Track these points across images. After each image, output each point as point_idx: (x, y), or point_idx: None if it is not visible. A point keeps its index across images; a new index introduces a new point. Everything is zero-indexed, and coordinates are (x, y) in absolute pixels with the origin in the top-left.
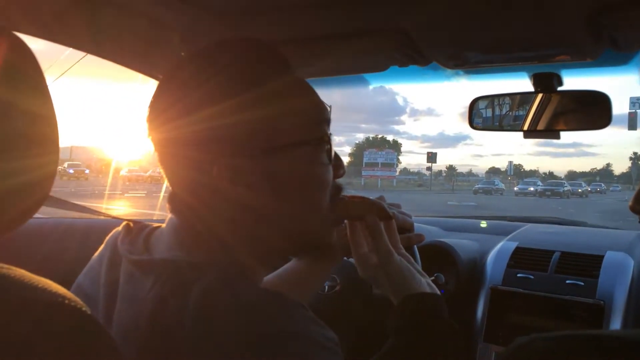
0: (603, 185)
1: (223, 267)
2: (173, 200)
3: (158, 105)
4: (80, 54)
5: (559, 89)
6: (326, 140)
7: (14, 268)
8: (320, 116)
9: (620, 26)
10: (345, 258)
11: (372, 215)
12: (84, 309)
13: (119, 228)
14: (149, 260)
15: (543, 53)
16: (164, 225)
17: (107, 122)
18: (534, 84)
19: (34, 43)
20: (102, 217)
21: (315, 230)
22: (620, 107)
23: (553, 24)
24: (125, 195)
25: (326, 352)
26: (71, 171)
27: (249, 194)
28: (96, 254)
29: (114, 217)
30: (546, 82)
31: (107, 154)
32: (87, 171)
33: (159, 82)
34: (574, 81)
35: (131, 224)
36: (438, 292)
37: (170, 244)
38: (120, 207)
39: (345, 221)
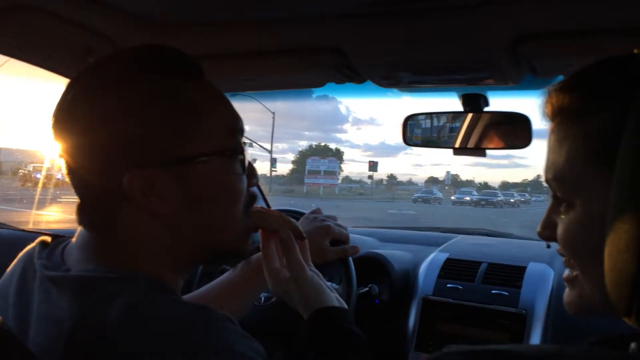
0: (527, 195)
1: (142, 280)
2: (82, 211)
3: (64, 112)
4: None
5: (486, 109)
6: (240, 150)
7: None
8: (233, 126)
9: (537, 55)
10: None
11: (285, 230)
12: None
13: (33, 244)
14: (64, 277)
15: (469, 76)
16: (74, 239)
17: (39, 123)
18: (463, 104)
19: None
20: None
21: (230, 240)
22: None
23: (477, 51)
24: (58, 200)
25: None
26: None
27: (161, 204)
28: (7, 271)
29: (24, 231)
30: (474, 103)
31: (40, 156)
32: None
33: (66, 88)
34: (500, 102)
35: (48, 239)
36: (346, 307)
37: (84, 258)
38: (52, 213)
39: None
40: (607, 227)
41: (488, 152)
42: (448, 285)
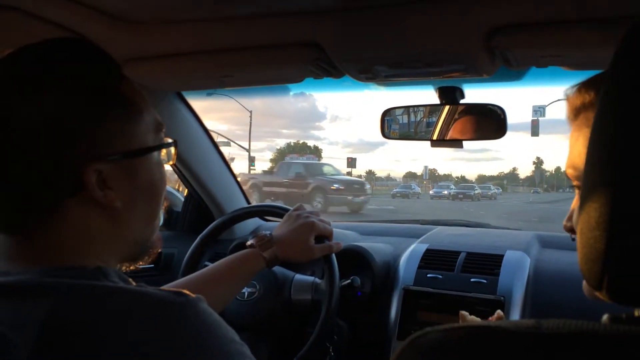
0: (492, 187)
1: (98, 271)
2: (10, 216)
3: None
4: None
5: (462, 101)
6: (169, 143)
7: None
8: (159, 121)
9: (510, 46)
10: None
11: None
12: None
13: None
14: (12, 282)
15: (444, 69)
16: None
17: None
18: (439, 97)
19: None
20: None
21: (152, 233)
22: (524, 114)
23: (452, 44)
24: None
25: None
26: None
27: (114, 197)
28: None
29: None
30: (450, 95)
31: None
32: None
33: None
34: (476, 93)
35: None
36: None
37: (17, 261)
38: None
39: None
40: (579, 206)
41: (465, 145)
42: (428, 275)
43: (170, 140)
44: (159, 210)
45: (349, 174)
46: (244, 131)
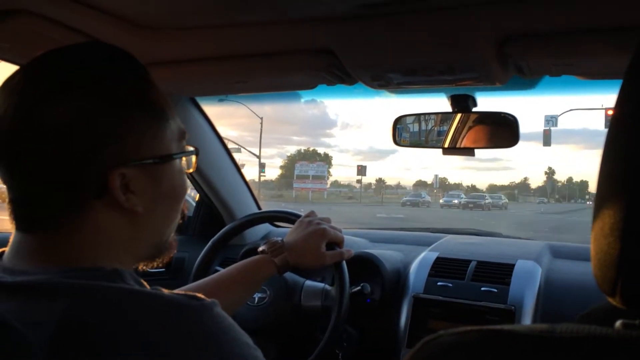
0: (503, 197)
1: (117, 272)
2: (26, 215)
3: (31, 113)
4: None
5: (474, 109)
6: (191, 150)
7: None
8: (182, 129)
9: (523, 55)
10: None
11: None
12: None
13: None
14: (28, 281)
15: (457, 77)
16: (7, 247)
17: None
18: (452, 105)
19: None
20: None
21: (168, 237)
22: (536, 124)
23: (465, 52)
24: None
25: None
26: None
27: (136, 201)
28: None
29: None
30: (462, 103)
31: None
32: None
33: (22, 87)
34: (488, 101)
35: None
36: None
37: (37, 261)
38: None
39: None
40: (594, 214)
41: (476, 155)
42: (438, 284)
43: (191, 148)
44: (178, 214)
45: (359, 181)
46: (254, 137)
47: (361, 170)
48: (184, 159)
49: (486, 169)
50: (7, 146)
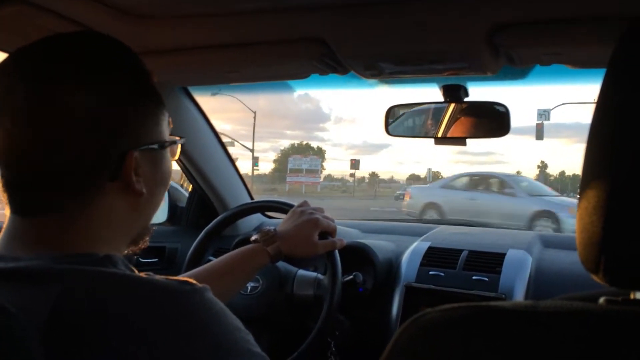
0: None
1: (111, 258)
2: (26, 200)
3: (42, 98)
4: None
5: (466, 99)
6: (180, 138)
7: None
8: (168, 116)
9: (513, 44)
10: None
11: None
12: None
13: None
14: (21, 267)
15: (448, 66)
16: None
17: None
18: (444, 94)
19: None
20: None
21: (151, 220)
22: (528, 118)
23: (455, 41)
24: None
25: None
26: None
27: (143, 185)
28: None
29: None
30: (454, 93)
31: None
32: None
33: (31, 73)
34: (481, 92)
35: None
36: None
37: (31, 246)
38: None
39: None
40: (579, 194)
41: (469, 148)
42: (430, 273)
43: (178, 137)
44: (162, 200)
45: (352, 175)
46: (247, 131)
47: (354, 164)
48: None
49: (479, 162)
50: (10, 126)
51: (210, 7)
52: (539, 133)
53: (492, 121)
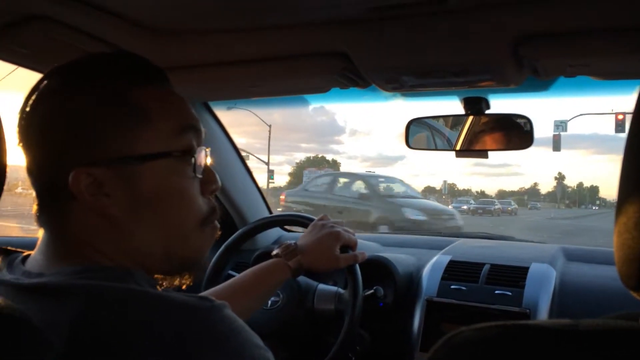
0: (513, 203)
1: (135, 274)
2: (39, 212)
3: (23, 118)
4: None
5: (487, 111)
6: (191, 152)
7: None
8: (184, 125)
9: (538, 56)
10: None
11: None
12: (23, 317)
13: None
14: (43, 283)
15: (471, 79)
16: (34, 251)
17: None
18: (465, 107)
19: None
20: None
21: (183, 250)
22: (545, 129)
23: (479, 54)
24: None
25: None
26: None
27: (108, 203)
28: None
29: None
30: (475, 106)
31: None
32: None
33: (27, 94)
34: (501, 103)
35: (10, 249)
36: None
37: (49, 261)
38: None
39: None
40: (617, 209)
41: (485, 160)
42: (452, 287)
43: (180, 149)
44: (183, 222)
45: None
46: (262, 145)
47: None
48: (200, 160)
49: (495, 174)
50: (21, 146)
51: (233, 23)
52: (556, 144)
53: (515, 133)
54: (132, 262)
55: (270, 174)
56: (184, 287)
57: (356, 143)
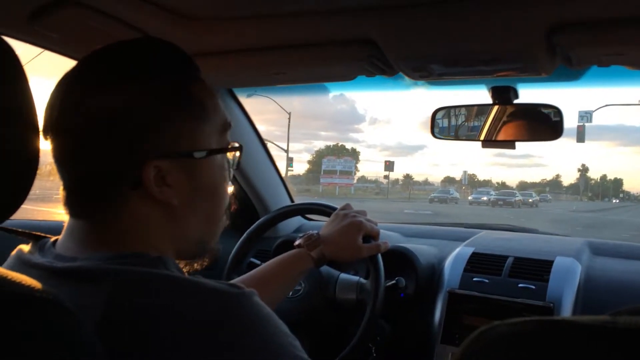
0: (534, 194)
1: (162, 260)
2: (81, 203)
3: (73, 105)
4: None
5: (515, 101)
6: (234, 147)
7: None
8: (227, 122)
9: (572, 44)
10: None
11: None
12: (56, 299)
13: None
14: (78, 267)
15: (502, 67)
16: (60, 236)
17: None
18: (492, 96)
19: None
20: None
21: (212, 236)
22: (569, 120)
23: (511, 42)
24: None
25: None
26: None
27: (171, 194)
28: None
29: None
30: (503, 95)
31: None
32: None
33: (67, 80)
34: (529, 93)
35: (40, 235)
36: None
37: (85, 247)
38: None
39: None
40: None
41: (506, 151)
42: (474, 279)
43: (236, 145)
44: (220, 213)
45: (386, 177)
46: (281, 132)
47: (389, 165)
48: (229, 155)
49: (517, 165)
50: (56, 135)
51: (259, 10)
52: (580, 135)
53: (543, 124)
54: (173, 249)
55: (290, 161)
56: (198, 269)
57: (376, 132)
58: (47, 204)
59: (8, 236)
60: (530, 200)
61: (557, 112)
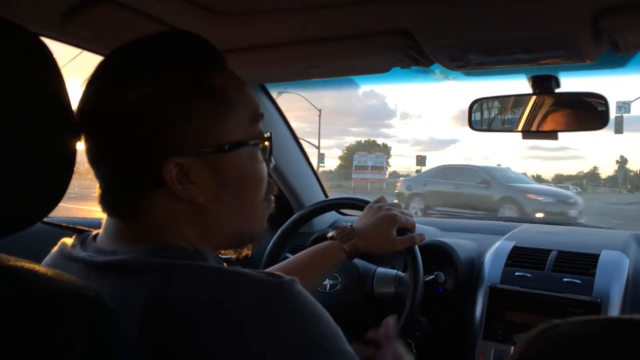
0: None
1: (204, 253)
2: (110, 200)
3: (97, 102)
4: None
5: (557, 90)
6: (266, 137)
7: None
8: (257, 112)
9: (620, 28)
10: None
11: None
12: (97, 296)
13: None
14: (116, 260)
15: (543, 55)
16: (100, 230)
17: None
18: (532, 86)
19: None
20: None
21: (253, 224)
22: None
23: (555, 27)
24: None
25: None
26: None
27: (195, 191)
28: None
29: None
30: (544, 84)
31: None
32: None
33: (90, 80)
34: (570, 81)
35: (83, 228)
36: None
37: (120, 243)
38: None
39: None
40: None
41: (541, 144)
42: (516, 274)
43: (265, 135)
44: (256, 202)
45: (418, 172)
46: (312, 129)
47: (420, 160)
48: (265, 144)
49: (553, 158)
50: (87, 134)
51: (289, 2)
52: (618, 126)
53: (586, 113)
54: (207, 242)
55: (321, 157)
56: (242, 257)
57: (407, 127)
58: (86, 203)
59: (49, 232)
60: None
61: (602, 99)
